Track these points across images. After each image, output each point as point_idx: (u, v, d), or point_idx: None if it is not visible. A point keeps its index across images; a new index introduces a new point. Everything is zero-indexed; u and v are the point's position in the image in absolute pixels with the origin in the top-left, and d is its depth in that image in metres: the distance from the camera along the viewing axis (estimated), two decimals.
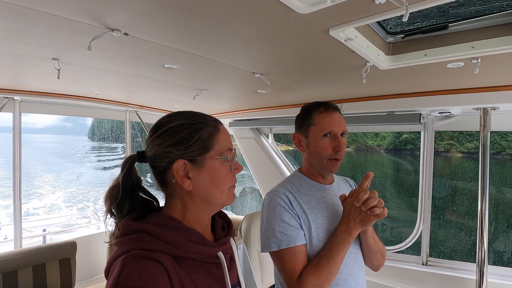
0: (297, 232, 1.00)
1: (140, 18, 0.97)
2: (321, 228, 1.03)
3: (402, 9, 0.79)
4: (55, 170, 25.84)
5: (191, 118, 0.70)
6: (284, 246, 0.98)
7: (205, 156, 0.68)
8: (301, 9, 0.84)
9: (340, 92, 1.95)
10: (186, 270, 0.64)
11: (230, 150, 0.72)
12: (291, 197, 1.05)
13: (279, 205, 1.03)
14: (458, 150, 12.82)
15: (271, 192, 1.08)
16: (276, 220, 1.01)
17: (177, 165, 0.66)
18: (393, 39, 1.29)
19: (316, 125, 1.07)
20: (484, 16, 1.07)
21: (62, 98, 2.41)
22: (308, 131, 1.09)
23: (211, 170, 0.69)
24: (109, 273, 0.60)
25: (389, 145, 13.24)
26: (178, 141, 0.67)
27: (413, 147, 13.68)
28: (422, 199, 2.11)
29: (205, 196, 0.70)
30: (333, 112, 1.08)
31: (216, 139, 0.70)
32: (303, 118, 1.12)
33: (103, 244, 2.75)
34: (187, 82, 1.85)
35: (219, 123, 0.74)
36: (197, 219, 0.71)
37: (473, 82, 1.53)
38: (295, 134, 1.15)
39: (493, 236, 7.49)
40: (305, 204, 1.05)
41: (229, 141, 0.73)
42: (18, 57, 1.43)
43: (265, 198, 1.09)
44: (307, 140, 1.10)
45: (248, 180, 10.70)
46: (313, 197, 1.08)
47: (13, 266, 2.11)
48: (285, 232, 0.99)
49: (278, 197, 1.04)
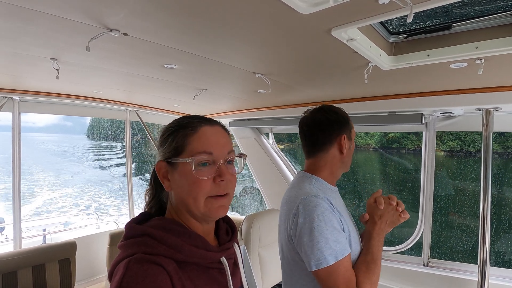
0: (345, 238, 0.95)
1: (139, 18, 0.96)
2: (352, 231, 1.03)
3: (406, 9, 0.78)
4: (54, 169, 25.86)
5: (177, 121, 0.71)
6: (340, 256, 0.90)
7: (177, 159, 0.66)
8: (303, 9, 0.83)
9: (341, 92, 1.93)
10: (189, 275, 0.63)
11: (209, 153, 0.65)
12: (328, 201, 0.98)
13: (326, 210, 0.93)
14: (440, 148, 13.12)
15: (311, 197, 0.96)
16: (328, 228, 0.91)
17: (158, 165, 0.69)
18: (396, 39, 1.28)
19: (353, 129, 1.13)
20: (488, 16, 1.06)
21: (62, 97, 2.40)
22: (350, 134, 1.12)
23: (182, 174, 0.66)
24: (113, 276, 0.59)
25: (377, 144, 13.65)
26: (160, 143, 0.71)
27: (399, 145, 14.11)
28: (423, 199, 2.10)
29: (182, 202, 0.67)
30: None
31: (190, 140, 0.66)
32: (342, 119, 1.11)
33: (103, 244, 2.74)
34: (187, 82, 1.84)
35: (203, 124, 0.68)
36: (191, 225, 0.69)
37: (475, 82, 1.52)
38: (344, 135, 1.09)
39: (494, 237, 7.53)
40: (338, 208, 1.01)
41: (208, 143, 0.66)
42: (17, 56, 1.42)
43: (305, 205, 0.96)
44: (350, 142, 1.11)
45: (249, 180, 10.74)
46: (335, 199, 1.05)
47: (13, 266, 2.10)
48: (338, 240, 0.91)
49: (323, 201, 0.95)
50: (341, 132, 1.08)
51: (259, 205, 8.81)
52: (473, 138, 11.27)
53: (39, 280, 2.20)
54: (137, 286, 0.54)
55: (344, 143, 1.07)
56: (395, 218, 1.01)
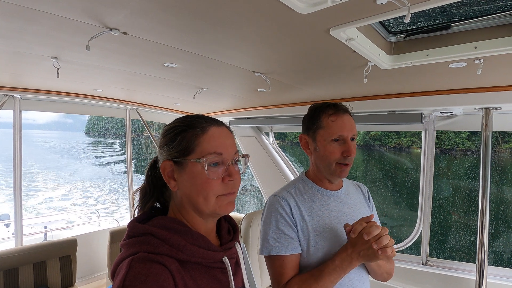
0: (290, 241, 0.99)
1: (139, 17, 0.96)
2: (320, 236, 1.00)
3: (404, 9, 0.78)
4: (54, 166, 25.92)
5: (183, 120, 0.71)
6: (274, 253, 0.97)
7: (186, 159, 0.67)
8: (302, 9, 0.83)
9: (341, 91, 1.93)
10: (191, 274, 0.64)
11: (219, 154, 0.67)
12: (292, 202, 1.02)
13: (277, 211, 1.01)
14: (417, 146, 14.45)
15: (273, 196, 1.06)
16: (271, 226, 1.00)
17: (163, 165, 0.68)
18: (395, 38, 1.28)
19: (324, 128, 1.02)
20: (487, 16, 1.06)
21: (63, 96, 2.40)
22: (316, 134, 1.04)
23: (191, 174, 0.66)
24: (115, 274, 0.60)
25: (360, 141, 14.11)
26: (165, 142, 0.69)
27: (380, 143, 15.38)
28: (422, 198, 2.11)
29: (190, 201, 0.68)
30: (343, 115, 1.03)
31: (199, 141, 0.67)
32: (311, 120, 1.07)
33: (103, 241, 2.76)
34: (187, 80, 1.85)
35: (211, 125, 0.69)
36: (195, 223, 0.70)
37: (475, 82, 1.52)
38: (302, 135, 1.11)
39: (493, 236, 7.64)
40: (306, 211, 1.02)
41: (218, 144, 0.67)
42: (18, 55, 1.42)
43: (267, 201, 1.07)
44: (315, 144, 1.05)
45: (249, 178, 10.82)
46: (316, 203, 1.04)
47: (14, 263, 2.12)
48: (277, 239, 0.99)
49: (278, 203, 1.02)
50: (304, 132, 1.11)
51: (259, 203, 8.84)
52: (448, 136, 12.13)
53: (40, 277, 2.22)
54: (140, 285, 0.55)
55: (305, 143, 1.10)
56: (371, 253, 0.85)
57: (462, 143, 12.35)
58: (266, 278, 2.06)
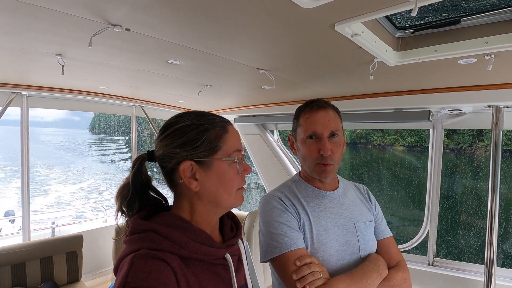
0: (298, 234, 0.94)
1: (141, 13, 0.95)
2: (316, 237, 0.95)
3: (411, 3, 0.76)
4: (62, 163, 26.31)
5: (199, 118, 0.70)
6: (285, 249, 0.90)
7: (213, 158, 0.67)
8: (306, 4, 0.81)
9: (346, 88, 1.90)
10: (193, 271, 0.64)
11: (239, 151, 0.71)
12: (287, 201, 1.00)
13: (275, 207, 0.98)
14: (400, 144, 15.48)
15: (266, 195, 1.04)
16: (274, 223, 0.94)
17: (183, 166, 0.66)
18: (402, 34, 1.24)
19: (301, 126, 1.00)
20: (499, 10, 1.02)
21: (68, 93, 2.42)
22: (296, 134, 1.03)
23: (219, 172, 0.68)
24: (118, 271, 0.60)
25: (347, 139, 15.07)
26: (185, 142, 0.67)
27: (366, 141, 16.01)
28: (429, 198, 2.07)
29: (212, 198, 0.69)
30: (316, 111, 0.98)
31: (224, 140, 0.69)
32: (294, 120, 1.06)
33: (109, 237, 2.79)
34: (192, 78, 1.84)
35: (228, 124, 0.72)
36: (205, 220, 0.71)
37: (485, 79, 1.48)
38: (289, 136, 1.10)
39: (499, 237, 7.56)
40: (302, 210, 0.99)
41: (237, 142, 0.72)
42: (23, 52, 1.43)
43: (260, 202, 1.03)
44: (297, 144, 1.04)
45: (253, 176, 10.90)
46: (310, 204, 1.01)
47: (22, 258, 2.15)
48: (285, 234, 0.92)
49: (274, 200, 0.99)
50: (291, 132, 1.09)
51: None
52: (427, 135, 12.22)
53: (47, 272, 2.25)
54: (142, 282, 0.55)
55: (291, 144, 1.09)
56: None
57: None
58: (269, 277, 2.05)
